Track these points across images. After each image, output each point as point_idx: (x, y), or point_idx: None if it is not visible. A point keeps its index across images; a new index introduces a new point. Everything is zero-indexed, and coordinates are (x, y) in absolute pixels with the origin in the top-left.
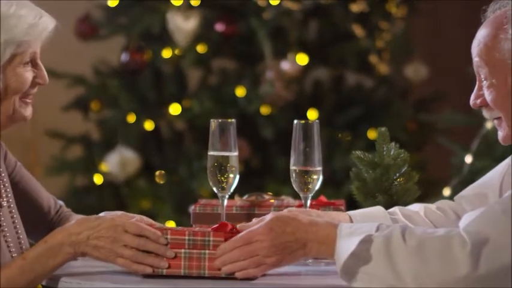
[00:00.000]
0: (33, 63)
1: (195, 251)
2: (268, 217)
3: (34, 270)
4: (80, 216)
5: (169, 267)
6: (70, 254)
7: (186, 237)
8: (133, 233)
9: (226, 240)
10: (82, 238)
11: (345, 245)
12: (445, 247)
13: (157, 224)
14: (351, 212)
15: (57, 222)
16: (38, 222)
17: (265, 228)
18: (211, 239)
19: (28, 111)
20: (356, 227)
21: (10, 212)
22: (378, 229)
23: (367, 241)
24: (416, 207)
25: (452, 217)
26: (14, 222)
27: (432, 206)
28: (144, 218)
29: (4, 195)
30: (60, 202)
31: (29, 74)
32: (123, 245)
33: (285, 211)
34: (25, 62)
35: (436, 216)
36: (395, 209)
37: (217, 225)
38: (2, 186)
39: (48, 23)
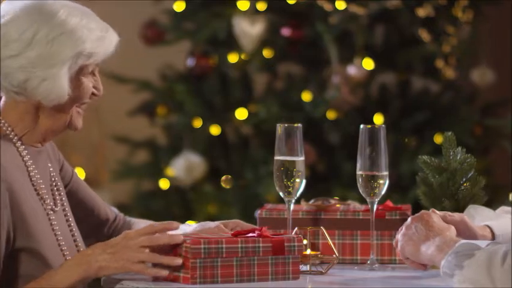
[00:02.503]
0: (93, 73)
1: (245, 257)
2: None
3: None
4: (143, 221)
5: (223, 276)
6: (88, 272)
7: (239, 245)
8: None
9: (273, 244)
10: (96, 252)
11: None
12: None
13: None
14: (495, 229)
15: (116, 230)
16: (96, 231)
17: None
18: (260, 245)
19: (80, 122)
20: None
21: (65, 215)
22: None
23: (472, 255)
24: None
25: None
26: (69, 226)
27: None
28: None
29: (58, 198)
30: (115, 209)
31: (90, 84)
32: (139, 249)
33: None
34: (89, 72)
35: None
36: None
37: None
38: (56, 191)
39: (113, 36)
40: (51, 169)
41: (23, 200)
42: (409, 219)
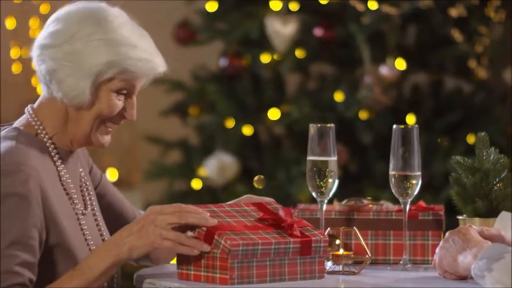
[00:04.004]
0: (128, 95)
1: (277, 258)
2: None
3: (84, 274)
4: None
5: (257, 276)
6: (119, 255)
7: (273, 247)
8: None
9: (301, 245)
10: (123, 235)
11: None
12: None
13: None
14: None
15: None
16: None
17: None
18: (291, 246)
19: (105, 139)
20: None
21: (96, 220)
22: None
23: (501, 258)
24: None
25: None
26: (100, 230)
27: None
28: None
29: (88, 202)
30: (141, 212)
31: (119, 103)
32: (166, 226)
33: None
34: (120, 89)
35: None
36: None
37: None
38: (86, 193)
39: (159, 65)
40: (80, 170)
41: (54, 201)
42: (447, 234)
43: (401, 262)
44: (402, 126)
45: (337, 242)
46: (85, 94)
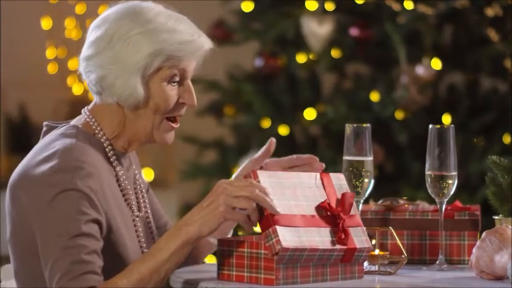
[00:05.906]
0: (181, 81)
1: (320, 262)
2: None
3: (155, 256)
4: None
5: (301, 276)
6: (189, 233)
7: (318, 254)
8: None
9: (345, 253)
10: (193, 213)
11: None
12: None
13: None
14: None
15: None
16: None
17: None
18: (335, 254)
19: (169, 136)
20: None
21: (148, 223)
22: None
23: None
24: None
25: None
26: (152, 233)
27: None
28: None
29: (142, 205)
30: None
31: (173, 93)
32: (237, 196)
33: None
34: (171, 76)
35: None
36: None
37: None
38: (140, 196)
39: (204, 42)
40: (136, 172)
41: (112, 202)
42: (484, 234)
43: (437, 262)
44: (438, 126)
45: (373, 242)
46: (137, 91)
